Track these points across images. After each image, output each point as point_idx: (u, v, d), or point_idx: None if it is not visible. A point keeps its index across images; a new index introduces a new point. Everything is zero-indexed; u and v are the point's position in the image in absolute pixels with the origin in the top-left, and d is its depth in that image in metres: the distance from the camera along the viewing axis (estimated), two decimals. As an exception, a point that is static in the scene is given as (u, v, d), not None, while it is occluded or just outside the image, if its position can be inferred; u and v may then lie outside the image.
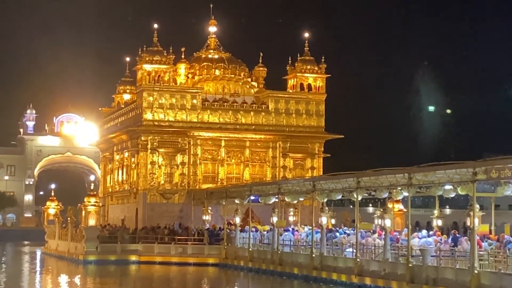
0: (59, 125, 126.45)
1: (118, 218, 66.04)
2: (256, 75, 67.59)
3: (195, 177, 61.77)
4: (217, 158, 62.57)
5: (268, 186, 51.25)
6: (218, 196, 56.63)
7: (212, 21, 68.50)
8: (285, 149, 63.72)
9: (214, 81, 65.07)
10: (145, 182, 60.92)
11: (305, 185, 45.38)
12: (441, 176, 34.15)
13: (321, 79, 65.02)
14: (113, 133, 68.11)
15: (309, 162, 64.21)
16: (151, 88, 61.13)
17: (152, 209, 60.76)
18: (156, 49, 61.85)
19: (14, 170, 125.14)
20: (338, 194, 42.02)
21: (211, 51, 67.39)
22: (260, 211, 56.93)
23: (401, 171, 36.47)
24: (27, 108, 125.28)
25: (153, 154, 61.03)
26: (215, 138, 62.47)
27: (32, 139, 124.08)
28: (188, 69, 65.41)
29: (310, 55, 65.47)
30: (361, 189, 39.47)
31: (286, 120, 63.89)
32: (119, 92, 73.50)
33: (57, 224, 65.28)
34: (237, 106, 63.10)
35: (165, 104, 61.35)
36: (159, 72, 61.68)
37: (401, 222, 47.32)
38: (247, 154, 63.12)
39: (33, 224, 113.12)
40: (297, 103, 64.27)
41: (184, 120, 61.71)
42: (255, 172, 63.23)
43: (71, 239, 59.30)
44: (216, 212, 58.13)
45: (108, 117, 72.88)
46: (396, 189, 37.38)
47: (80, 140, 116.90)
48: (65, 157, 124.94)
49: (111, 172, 70.61)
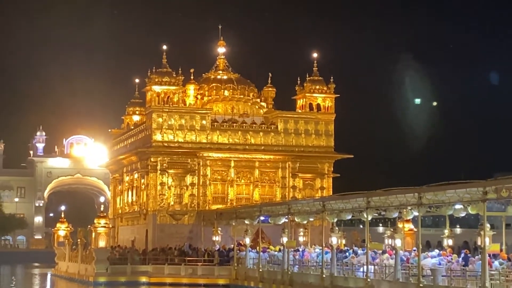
0: (69, 147, 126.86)
1: (128, 239, 65.99)
2: (265, 96, 67.67)
3: (205, 198, 61.75)
4: (227, 178, 62.55)
5: (278, 207, 51.17)
6: (227, 217, 56.56)
7: (220, 42, 68.71)
8: (294, 169, 63.66)
9: (223, 102, 65.19)
10: (155, 203, 60.92)
11: (314, 205, 45.29)
12: (451, 195, 34.05)
13: (330, 99, 65.06)
14: (123, 155, 68.20)
15: (319, 182, 64.12)
16: (161, 109, 61.26)
17: (162, 230, 60.71)
18: (165, 71, 62.07)
19: (24, 192, 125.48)
20: (348, 214, 41.92)
21: (220, 72, 67.56)
22: (270, 231, 56.83)
23: (411, 190, 36.38)
24: (37, 130, 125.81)
25: (163, 175, 61.06)
26: (224, 158, 62.49)
27: (42, 161, 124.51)
28: (197, 90, 65.57)
29: (319, 75, 65.56)
30: (371, 209, 39.37)
31: (295, 140, 63.89)
32: (129, 113, 73.65)
33: (67, 246, 65.35)
34: (246, 126, 63.17)
35: (175, 125, 61.45)
36: (168, 93, 61.85)
37: (412, 241, 47.12)
38: (256, 174, 63.10)
39: (43, 246, 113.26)
40: (306, 123, 64.28)
41: (193, 141, 61.77)
42: (265, 193, 63.17)
43: (81, 261, 59.30)
44: (226, 233, 58.06)
45: (118, 139, 73.00)
46: (406, 209, 37.24)
47: (90, 162, 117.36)
48: (75, 178, 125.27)
49: (120, 194, 70.64)
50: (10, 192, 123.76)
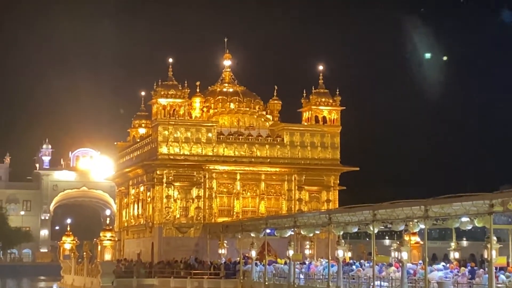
0: (74, 160, 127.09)
1: (134, 252, 65.91)
2: (271, 108, 67.66)
3: (211, 211, 61.67)
4: (233, 191, 62.49)
5: (284, 219, 51.06)
6: (233, 230, 56.47)
7: (226, 55, 68.78)
8: (300, 182, 63.56)
9: (229, 115, 65.19)
10: (161, 216, 60.87)
11: (321, 218, 45.19)
12: (457, 208, 33.93)
13: (336, 112, 65.03)
14: (129, 167, 68.21)
15: (325, 195, 64.01)
16: (166, 122, 61.30)
17: (168, 243, 60.62)
18: (171, 83, 62.13)
19: (30, 205, 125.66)
20: (354, 227, 41.80)
21: (226, 84, 67.60)
22: (276, 244, 56.72)
23: (417, 203, 36.27)
24: (43, 143, 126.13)
25: (169, 188, 61.03)
26: (230, 171, 62.44)
27: (48, 174, 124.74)
28: (203, 102, 65.60)
29: (324, 88, 65.58)
30: (377, 221, 39.26)
31: (301, 153, 63.83)
32: (135, 126, 73.71)
33: (73, 259, 65.25)
34: (252, 139, 63.14)
35: (180, 138, 61.46)
36: (174, 106, 61.89)
37: (418, 254, 46.98)
38: (262, 187, 63.02)
39: (49, 259, 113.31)
40: (312, 136, 64.22)
41: (199, 154, 61.75)
42: (271, 205, 63.07)
43: (87, 274, 59.20)
44: (232, 246, 57.95)
45: (124, 151, 73.03)
46: (412, 222, 37.13)
47: (96, 175, 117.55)
48: (81, 191, 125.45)
49: (126, 206, 70.61)
50: (16, 206, 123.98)
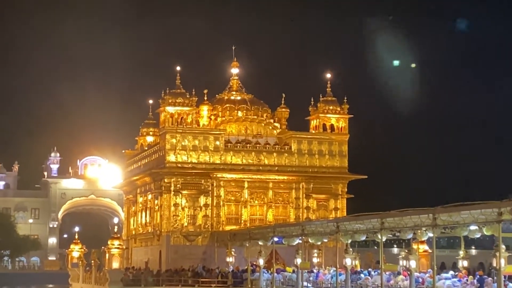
0: (83, 168, 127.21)
1: (142, 260, 65.88)
2: (278, 116, 67.64)
3: (219, 219, 61.61)
4: (240, 199, 62.43)
5: (292, 228, 50.94)
6: (241, 238, 56.38)
7: (234, 63, 68.83)
8: (308, 190, 63.47)
9: (236, 123, 65.19)
10: (169, 224, 60.83)
11: (328, 226, 45.06)
12: (466, 216, 33.79)
13: (344, 120, 64.96)
14: (137, 175, 68.23)
15: (333, 203, 63.88)
16: (174, 130, 61.32)
17: (176, 251, 60.57)
18: (179, 91, 62.19)
19: (38, 213, 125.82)
20: (362, 235, 41.68)
21: (234, 92, 67.62)
22: (284, 252, 56.62)
23: (426, 211, 36.13)
24: (51, 151, 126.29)
25: (176, 196, 61.01)
26: (238, 179, 62.38)
27: (56, 182, 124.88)
28: (211, 110, 65.63)
29: (332, 96, 65.54)
30: (385, 230, 39.11)
31: (309, 161, 63.74)
32: (142, 134, 73.77)
33: (81, 267, 65.26)
34: (260, 147, 63.09)
35: (188, 146, 61.47)
36: (182, 114, 61.93)
37: (426, 263, 46.85)
38: (270, 195, 62.94)
39: (57, 267, 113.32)
40: (320, 144, 64.14)
41: (207, 162, 61.74)
42: (279, 214, 62.99)
43: (95, 282, 59.18)
44: (239, 254, 57.83)
45: (132, 160, 73.10)
46: (420, 230, 36.98)
47: (104, 183, 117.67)
48: (89, 199, 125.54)
49: (134, 215, 70.62)
50: (24, 214, 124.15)
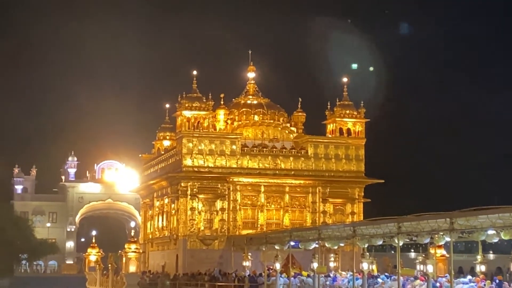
0: (100, 172, 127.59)
1: (159, 264, 65.98)
2: (295, 120, 67.57)
3: (235, 223, 61.61)
4: (257, 203, 62.40)
5: (308, 232, 50.84)
6: (258, 242, 56.33)
7: (250, 67, 68.82)
8: (325, 194, 63.37)
9: (253, 127, 65.18)
10: (185, 228, 60.89)
11: (345, 231, 44.95)
12: (483, 221, 33.62)
13: (360, 124, 64.82)
14: (153, 180, 68.36)
15: (349, 207, 63.75)
16: (191, 134, 61.40)
17: (192, 255, 60.60)
18: (195, 96, 62.25)
19: (56, 217, 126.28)
20: (379, 240, 41.54)
21: (250, 96, 67.62)
22: (300, 257, 56.49)
23: (443, 215, 35.96)
24: (69, 155, 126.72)
25: (193, 200, 61.06)
26: (254, 183, 62.37)
27: (73, 186, 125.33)
28: (227, 115, 65.65)
29: (349, 100, 65.43)
30: (402, 234, 38.98)
31: (325, 165, 63.64)
32: (159, 138, 73.88)
33: (98, 271, 65.41)
34: (276, 151, 63.04)
35: (205, 150, 61.51)
36: (199, 118, 61.99)
37: (444, 267, 46.59)
38: (286, 199, 62.89)
39: (74, 271, 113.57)
40: (337, 148, 64.03)
41: (223, 166, 61.76)
42: (295, 218, 62.89)
43: (112, 286, 59.31)
44: (256, 258, 57.78)
45: (148, 164, 73.24)
46: (438, 234, 36.81)
47: (121, 187, 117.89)
48: (106, 203, 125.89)
49: (151, 219, 70.73)
50: (42, 217, 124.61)
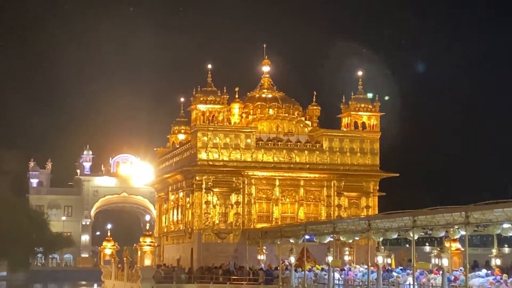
0: (115, 166, 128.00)
1: (174, 258, 66.13)
2: (310, 114, 67.50)
3: (250, 217, 61.65)
4: (272, 197, 62.41)
5: (323, 225, 50.88)
6: (272, 236, 56.39)
7: (265, 61, 68.76)
8: (339, 188, 63.30)
9: (268, 120, 65.17)
10: (200, 221, 60.98)
11: (360, 224, 44.96)
12: (499, 214, 33.54)
13: (375, 117, 64.68)
14: (168, 173, 68.47)
15: (364, 201, 63.67)
16: (206, 128, 61.44)
17: (207, 249, 60.69)
18: (210, 89, 62.27)
19: (71, 211, 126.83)
20: (394, 233, 41.52)
21: (265, 90, 67.59)
22: (315, 250, 56.51)
23: (458, 209, 35.90)
24: (84, 149, 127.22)
25: (208, 193, 61.13)
26: (269, 177, 62.37)
27: (88, 179, 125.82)
28: (242, 108, 65.66)
29: (364, 93, 65.30)
30: (417, 228, 38.94)
31: (340, 158, 63.57)
32: (174, 132, 73.98)
33: (113, 264, 65.65)
34: (291, 145, 63.02)
35: (219, 143, 61.56)
36: (213, 112, 62.02)
37: (459, 261, 46.57)
38: (301, 193, 62.86)
39: (89, 264, 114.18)
40: (351, 142, 63.94)
41: (238, 160, 61.79)
42: (310, 211, 62.87)
43: (127, 279, 59.51)
44: (271, 252, 57.88)
45: (163, 157, 73.36)
46: (453, 228, 36.76)
47: (136, 181, 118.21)
48: (121, 197, 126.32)
49: (166, 212, 70.86)
50: (57, 211, 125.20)
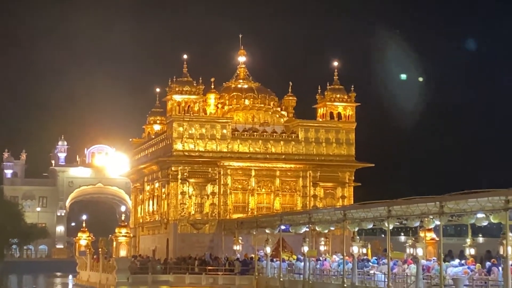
0: (90, 157, 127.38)
1: (149, 248, 66.07)
2: (285, 105, 67.60)
3: (226, 207, 61.70)
4: (247, 187, 62.49)
5: (299, 216, 51.02)
6: (248, 226, 56.50)
7: (241, 51, 68.74)
8: (315, 178, 63.50)
9: (243, 111, 65.18)
10: (176, 212, 60.94)
11: (335, 214, 45.12)
12: (473, 204, 33.75)
13: (351, 108, 64.88)
14: (144, 164, 68.35)
15: (340, 191, 63.92)
16: (181, 119, 61.35)
17: (183, 239, 60.70)
18: (185, 80, 62.17)
19: (46, 202, 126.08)
20: (369, 223, 41.72)
21: (241, 81, 67.58)
22: (291, 240, 56.70)
23: (433, 199, 36.10)
24: (59, 140, 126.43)
25: (184, 184, 61.09)
26: (245, 167, 62.44)
27: (63, 170, 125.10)
28: (218, 99, 65.61)
29: (339, 84, 65.44)
30: (392, 218, 39.11)
31: (316, 149, 63.73)
32: (150, 122, 73.84)
33: (89, 255, 65.51)
34: (267, 135, 63.10)
35: (195, 134, 61.51)
36: (189, 102, 61.94)
37: (434, 251, 46.83)
38: (277, 183, 62.98)
39: (65, 255, 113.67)
40: (327, 132, 64.11)
41: (214, 150, 61.80)
42: (286, 202, 63.04)
43: (103, 270, 59.43)
44: (246, 242, 57.95)
45: (139, 148, 73.19)
46: (427, 218, 36.95)
47: (111, 171, 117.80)
48: (96, 188, 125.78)
49: (142, 203, 70.76)
50: (32, 202, 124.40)
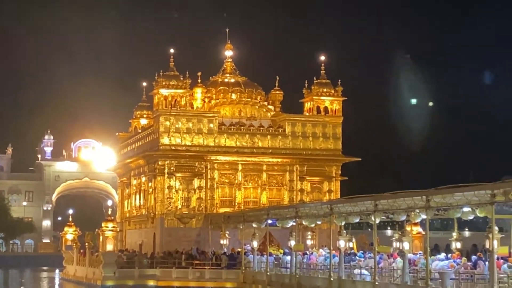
0: (76, 151, 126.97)
1: (136, 243, 66.02)
2: (272, 99, 67.60)
3: (212, 201, 61.70)
4: (234, 182, 62.49)
5: (286, 210, 51.08)
6: (235, 220, 56.51)
7: (228, 45, 68.66)
8: (302, 173, 63.56)
9: (230, 105, 65.15)
10: (163, 206, 60.89)
11: (322, 209, 45.19)
12: (459, 198, 33.85)
13: (338, 102, 64.94)
14: (130, 158, 68.24)
15: (327, 185, 64.02)
16: (168, 113, 61.26)
17: (170, 233, 60.67)
18: (172, 74, 62.06)
19: (32, 196, 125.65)
20: (355, 217, 41.81)
21: (227, 75, 67.52)
22: (277, 235, 56.75)
23: (419, 193, 36.19)
24: (45, 134, 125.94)
25: (170, 178, 61.03)
26: (232, 162, 62.43)
27: (50, 164, 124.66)
28: (205, 93, 65.54)
29: (326, 78, 65.47)
30: (379, 212, 39.20)
31: (303, 143, 63.78)
32: (136, 117, 73.71)
33: (75, 250, 65.39)
34: (254, 129, 63.11)
35: (182, 128, 61.44)
36: (176, 96, 61.84)
37: (420, 245, 46.96)
38: (264, 177, 63.01)
39: (51, 249, 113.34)
40: (314, 126, 64.17)
41: (201, 144, 61.75)
42: (273, 196, 63.08)
43: (89, 265, 59.34)
44: (233, 236, 57.96)
45: (125, 142, 73.06)
46: (414, 212, 37.06)
47: (98, 165, 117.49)
48: (83, 182, 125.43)
49: (128, 197, 70.66)
50: (18, 196, 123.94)
